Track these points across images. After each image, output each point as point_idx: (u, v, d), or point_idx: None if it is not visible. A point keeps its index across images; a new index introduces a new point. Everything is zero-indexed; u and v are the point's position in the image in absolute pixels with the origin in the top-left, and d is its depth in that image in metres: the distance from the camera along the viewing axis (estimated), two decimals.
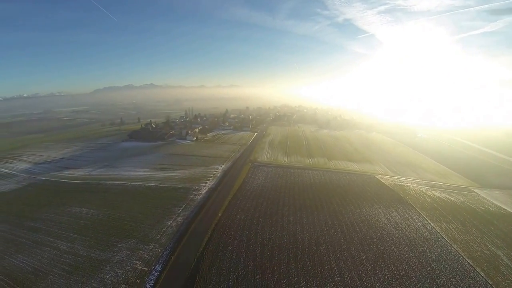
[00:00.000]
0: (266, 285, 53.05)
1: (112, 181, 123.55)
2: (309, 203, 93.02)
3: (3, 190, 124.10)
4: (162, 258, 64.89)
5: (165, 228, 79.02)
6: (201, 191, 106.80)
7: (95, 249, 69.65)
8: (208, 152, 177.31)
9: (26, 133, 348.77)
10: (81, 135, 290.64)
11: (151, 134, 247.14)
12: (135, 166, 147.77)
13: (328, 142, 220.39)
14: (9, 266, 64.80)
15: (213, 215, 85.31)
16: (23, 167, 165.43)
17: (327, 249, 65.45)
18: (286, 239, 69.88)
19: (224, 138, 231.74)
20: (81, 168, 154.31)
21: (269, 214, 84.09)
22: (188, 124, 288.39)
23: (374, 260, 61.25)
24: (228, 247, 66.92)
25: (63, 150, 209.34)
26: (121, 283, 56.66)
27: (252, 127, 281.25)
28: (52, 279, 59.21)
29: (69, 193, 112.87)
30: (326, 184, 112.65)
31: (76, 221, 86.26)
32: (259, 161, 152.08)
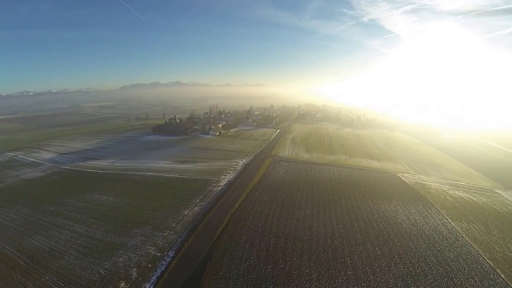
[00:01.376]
0: (276, 275, 52.76)
1: (133, 172, 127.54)
2: (327, 197, 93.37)
3: (28, 177, 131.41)
4: (175, 245, 65.72)
5: (181, 217, 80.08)
6: (220, 183, 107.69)
7: (111, 234, 71.97)
8: (230, 147, 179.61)
9: (53, 126, 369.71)
10: (106, 129, 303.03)
11: (175, 129, 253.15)
12: (156, 158, 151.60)
13: (350, 140, 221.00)
14: (27, 246, 68.59)
15: (230, 206, 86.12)
16: (49, 156, 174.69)
17: (342, 242, 64.86)
18: (301, 231, 69.89)
19: (247, 134, 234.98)
20: (104, 159, 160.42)
21: (286, 207, 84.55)
22: (212, 120, 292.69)
23: (390, 256, 59.92)
24: (242, 237, 67.26)
25: (88, 142, 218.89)
26: (133, 266, 57.91)
27: (275, 124, 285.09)
28: (67, 259, 61.80)
29: (90, 181, 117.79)
30: (346, 180, 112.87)
31: (95, 207, 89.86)
32: (280, 156, 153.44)
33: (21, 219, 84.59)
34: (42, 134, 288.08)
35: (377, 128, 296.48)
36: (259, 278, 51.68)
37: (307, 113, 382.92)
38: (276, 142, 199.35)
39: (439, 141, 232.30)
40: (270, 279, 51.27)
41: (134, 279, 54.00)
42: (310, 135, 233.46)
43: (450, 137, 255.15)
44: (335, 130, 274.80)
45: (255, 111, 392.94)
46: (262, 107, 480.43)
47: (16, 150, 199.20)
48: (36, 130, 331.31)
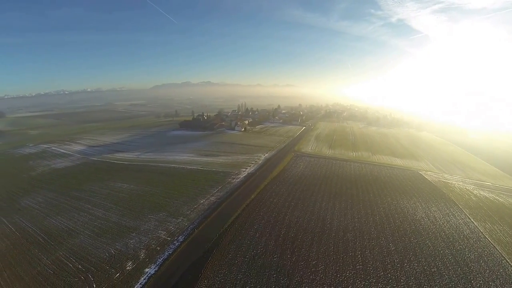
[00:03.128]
0: (282, 264, 52.41)
1: (157, 163, 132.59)
2: (345, 191, 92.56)
3: (58, 166, 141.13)
4: (186, 231, 67.40)
5: (196, 205, 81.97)
6: (239, 176, 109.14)
7: (126, 218, 75.49)
8: (254, 142, 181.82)
9: (86, 122, 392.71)
10: (136, 125, 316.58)
11: (201, 124, 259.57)
12: (181, 152, 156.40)
13: (375, 138, 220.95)
14: (48, 225, 74.29)
15: (245, 197, 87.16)
16: (79, 149, 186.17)
17: (354, 236, 63.35)
18: (314, 223, 69.23)
19: (272, 130, 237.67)
20: (131, 151, 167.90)
21: (302, 199, 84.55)
22: (239, 117, 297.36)
23: (404, 253, 57.33)
24: (254, 226, 67.74)
25: (117, 136, 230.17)
26: (142, 248, 60.27)
27: (301, 121, 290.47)
28: (82, 238, 65.86)
29: (115, 171, 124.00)
30: (366, 176, 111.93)
31: (115, 194, 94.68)
32: (303, 152, 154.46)
33: (46, 202, 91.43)
34: (75, 129, 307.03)
35: (403, 127, 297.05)
36: (263, 266, 51.65)
37: (333, 111, 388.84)
38: (300, 138, 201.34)
39: (466, 141, 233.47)
40: (275, 268, 51.04)
41: (141, 259, 56.12)
42: (335, 133, 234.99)
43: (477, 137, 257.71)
44: (360, 128, 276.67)
45: (283, 110, 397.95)
46: (290, 106, 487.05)
47: (49, 142, 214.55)
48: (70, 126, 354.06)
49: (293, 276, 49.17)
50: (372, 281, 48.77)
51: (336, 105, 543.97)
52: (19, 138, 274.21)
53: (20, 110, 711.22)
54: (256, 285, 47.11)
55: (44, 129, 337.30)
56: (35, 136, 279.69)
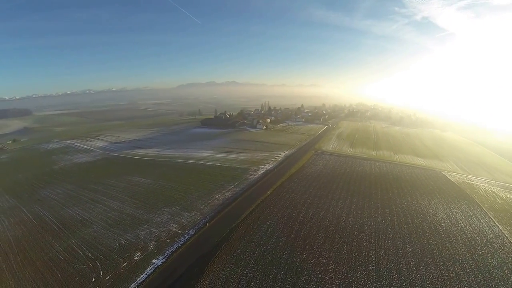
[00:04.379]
0: (291, 261, 51.40)
1: (176, 159, 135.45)
2: (363, 190, 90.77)
3: (79, 161, 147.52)
4: (198, 225, 67.90)
5: (211, 200, 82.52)
6: (257, 172, 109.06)
7: (140, 210, 77.34)
8: (275, 140, 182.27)
9: (109, 120, 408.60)
10: (158, 123, 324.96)
11: (223, 122, 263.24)
12: (201, 148, 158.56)
13: (398, 137, 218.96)
14: (64, 214, 77.92)
15: (261, 193, 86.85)
16: (101, 145, 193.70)
17: (369, 236, 61.25)
18: (328, 221, 67.77)
19: (294, 129, 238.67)
20: (151, 148, 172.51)
21: (318, 197, 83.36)
22: (262, 116, 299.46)
23: (421, 255, 54.34)
24: (266, 222, 67.23)
25: (139, 133, 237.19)
26: (152, 240, 61.36)
27: (324, 120, 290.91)
28: (95, 228, 68.25)
29: (134, 166, 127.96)
30: (386, 175, 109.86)
31: (132, 187, 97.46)
32: (323, 150, 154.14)
33: (65, 193, 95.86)
34: (98, 126, 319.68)
35: (427, 127, 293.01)
36: (272, 263, 50.91)
37: (356, 111, 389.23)
38: (321, 137, 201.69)
39: (493, 142, 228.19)
40: (283, 265, 50.16)
41: (149, 250, 57.11)
42: (357, 132, 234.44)
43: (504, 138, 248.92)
44: (383, 128, 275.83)
45: (306, 109, 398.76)
46: (314, 105, 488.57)
47: (72, 139, 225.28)
48: (93, 123, 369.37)
49: (301, 274, 48.08)
50: (385, 283, 46.62)
51: (359, 104, 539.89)
52: (44, 134, 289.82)
53: (47, 108, 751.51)
54: (262, 281, 46.49)
55: (68, 126, 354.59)
56: (60, 132, 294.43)
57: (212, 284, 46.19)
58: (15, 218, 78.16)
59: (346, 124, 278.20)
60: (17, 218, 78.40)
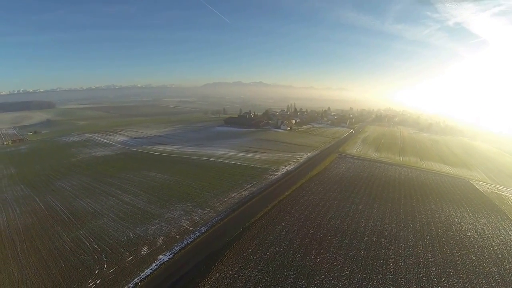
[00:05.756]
0: (303, 265, 49.47)
1: (196, 157, 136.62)
2: (386, 195, 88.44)
3: (98, 155, 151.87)
4: (210, 222, 67.21)
5: (227, 198, 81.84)
6: (278, 173, 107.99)
7: (153, 205, 77.74)
8: (298, 141, 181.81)
9: (132, 115, 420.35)
10: (182, 120, 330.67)
11: (246, 121, 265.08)
12: (222, 147, 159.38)
13: (425, 144, 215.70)
14: (76, 205, 79.68)
15: (279, 194, 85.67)
16: (121, 139, 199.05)
17: (389, 242, 58.58)
18: (347, 225, 65.70)
19: (319, 131, 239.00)
20: (172, 144, 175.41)
21: (338, 200, 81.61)
22: (287, 117, 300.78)
23: (443, 266, 51.40)
24: (282, 223, 65.85)
25: (161, 130, 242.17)
26: (161, 235, 61.13)
27: (350, 124, 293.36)
28: (105, 221, 69.03)
29: (152, 162, 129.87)
30: (411, 181, 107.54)
31: (147, 182, 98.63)
32: (347, 153, 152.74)
33: (79, 185, 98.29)
34: (121, 121, 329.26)
35: (456, 135, 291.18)
36: (283, 265, 49.25)
37: (384, 116, 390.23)
38: (346, 140, 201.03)
39: None
40: (295, 268, 48.37)
41: (157, 246, 56.89)
42: (383, 136, 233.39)
43: None
44: (411, 134, 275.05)
45: (332, 112, 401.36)
46: (341, 109, 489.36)
47: (93, 132, 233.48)
48: (116, 118, 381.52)
49: (313, 278, 45.97)
50: None
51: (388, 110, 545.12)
52: (66, 127, 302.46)
53: (70, 102, 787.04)
54: (270, 284, 44.81)
55: (91, 120, 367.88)
56: (82, 126, 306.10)
57: (217, 283, 45.10)
58: (27, 207, 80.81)
59: (373, 129, 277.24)
60: (29, 207, 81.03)
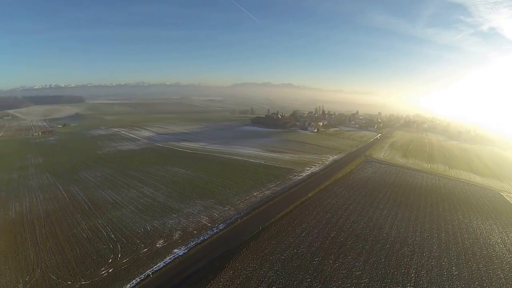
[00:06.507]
0: (321, 269, 47.93)
1: (220, 154, 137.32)
2: (411, 202, 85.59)
3: (123, 148, 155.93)
4: (229, 220, 66.76)
5: (248, 197, 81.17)
6: (302, 174, 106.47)
7: (173, 199, 78.40)
8: (325, 143, 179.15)
9: (159, 112, 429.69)
10: (209, 118, 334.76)
11: (274, 122, 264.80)
12: (248, 146, 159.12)
13: (454, 152, 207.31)
14: (97, 195, 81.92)
15: (302, 195, 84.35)
16: (147, 135, 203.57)
17: (411, 252, 56.09)
18: (369, 230, 63.56)
19: (346, 134, 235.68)
20: (197, 141, 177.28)
21: (362, 204, 79.72)
22: (314, 119, 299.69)
23: (468, 280, 48.48)
24: (302, 224, 64.57)
25: (187, 127, 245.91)
26: (178, 230, 61.28)
27: (378, 128, 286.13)
28: (124, 212, 70.31)
29: (176, 157, 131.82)
30: (439, 189, 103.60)
31: (170, 177, 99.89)
32: (374, 158, 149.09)
33: (102, 177, 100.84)
34: (148, 117, 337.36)
35: (487, 145, 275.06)
36: (299, 268, 48.00)
37: (413, 122, 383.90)
38: (373, 144, 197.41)
39: None
40: (311, 272, 46.99)
41: (173, 240, 57.04)
42: (411, 142, 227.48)
43: None
44: (440, 141, 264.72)
45: (360, 116, 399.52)
46: (369, 113, 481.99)
47: (120, 127, 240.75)
48: (143, 114, 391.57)
49: (330, 284, 44.25)
50: None
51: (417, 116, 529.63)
52: (94, 121, 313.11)
53: (100, 97, 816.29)
54: (284, 286, 43.57)
55: (118, 115, 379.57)
56: (109, 120, 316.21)
57: (230, 282, 44.43)
58: (50, 194, 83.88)
59: (401, 134, 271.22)
60: (52, 194, 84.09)
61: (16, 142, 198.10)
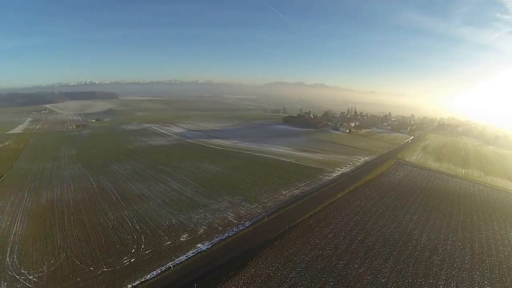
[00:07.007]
0: (345, 274, 46.24)
1: (251, 152, 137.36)
2: (443, 208, 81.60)
3: (154, 144, 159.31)
4: (256, 218, 66.11)
5: (277, 195, 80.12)
6: (332, 174, 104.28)
7: (200, 195, 78.84)
8: (356, 144, 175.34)
9: (191, 109, 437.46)
10: (241, 116, 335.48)
11: (306, 121, 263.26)
12: (279, 144, 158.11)
13: (490, 157, 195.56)
14: (126, 187, 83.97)
15: (331, 195, 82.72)
16: (178, 131, 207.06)
17: (441, 261, 52.69)
18: (398, 236, 61.06)
19: (378, 136, 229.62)
20: (228, 139, 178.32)
21: (392, 208, 76.96)
22: (346, 119, 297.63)
23: None
24: (329, 225, 63.00)
25: (219, 124, 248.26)
26: (204, 225, 61.18)
27: (410, 130, 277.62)
28: (150, 205, 71.41)
29: (206, 154, 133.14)
30: (473, 196, 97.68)
31: (199, 172, 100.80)
32: (406, 160, 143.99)
33: (132, 170, 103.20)
34: (179, 114, 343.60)
35: None
36: (323, 270, 46.56)
37: (447, 125, 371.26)
38: (405, 147, 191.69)
39: None
40: (335, 275, 45.39)
41: (198, 234, 57.06)
42: (445, 146, 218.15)
43: None
44: (475, 145, 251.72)
45: (393, 117, 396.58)
46: (401, 115, 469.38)
47: (152, 123, 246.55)
48: (175, 111, 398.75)
49: None
50: None
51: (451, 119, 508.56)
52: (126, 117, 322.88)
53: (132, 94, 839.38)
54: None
55: (150, 111, 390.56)
56: (141, 116, 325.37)
57: (251, 279, 43.78)
58: (81, 184, 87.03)
59: (434, 137, 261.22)
60: (82, 184, 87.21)
61: (51, 134, 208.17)
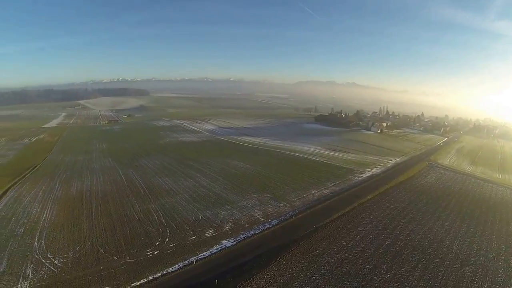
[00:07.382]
0: (370, 279, 44.54)
1: (281, 150, 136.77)
2: (477, 215, 76.88)
3: (184, 140, 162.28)
4: (283, 216, 65.12)
5: (306, 195, 78.72)
6: (362, 175, 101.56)
7: (228, 191, 78.95)
8: (387, 145, 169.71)
9: (222, 107, 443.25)
10: (272, 114, 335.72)
11: (337, 120, 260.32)
12: (309, 143, 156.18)
13: None
14: (154, 182, 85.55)
15: (360, 196, 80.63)
16: (209, 128, 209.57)
17: (473, 273, 49.14)
18: (428, 242, 58.12)
19: (410, 137, 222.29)
20: (259, 137, 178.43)
21: (423, 212, 74.03)
22: (378, 119, 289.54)
23: None
24: (357, 228, 61.31)
25: (250, 122, 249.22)
26: (230, 222, 61.00)
27: (444, 132, 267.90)
28: (178, 199, 72.32)
29: (236, 151, 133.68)
30: (510, 203, 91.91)
31: (228, 169, 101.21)
32: (438, 163, 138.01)
33: (161, 165, 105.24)
34: (211, 111, 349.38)
35: None
36: (348, 274, 45.06)
37: (483, 126, 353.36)
38: (438, 149, 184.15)
39: None
40: (360, 280, 43.79)
41: (223, 231, 56.89)
42: (481, 149, 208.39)
43: None
44: None
45: (426, 118, 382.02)
46: (435, 115, 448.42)
47: (183, 119, 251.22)
48: (206, 108, 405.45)
49: None
50: None
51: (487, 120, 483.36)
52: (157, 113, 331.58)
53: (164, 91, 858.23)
54: None
55: (181, 108, 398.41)
56: (172, 113, 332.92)
57: (273, 279, 43.18)
58: (110, 177, 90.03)
59: (469, 139, 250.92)
60: (111, 177, 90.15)
61: (84, 129, 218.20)
